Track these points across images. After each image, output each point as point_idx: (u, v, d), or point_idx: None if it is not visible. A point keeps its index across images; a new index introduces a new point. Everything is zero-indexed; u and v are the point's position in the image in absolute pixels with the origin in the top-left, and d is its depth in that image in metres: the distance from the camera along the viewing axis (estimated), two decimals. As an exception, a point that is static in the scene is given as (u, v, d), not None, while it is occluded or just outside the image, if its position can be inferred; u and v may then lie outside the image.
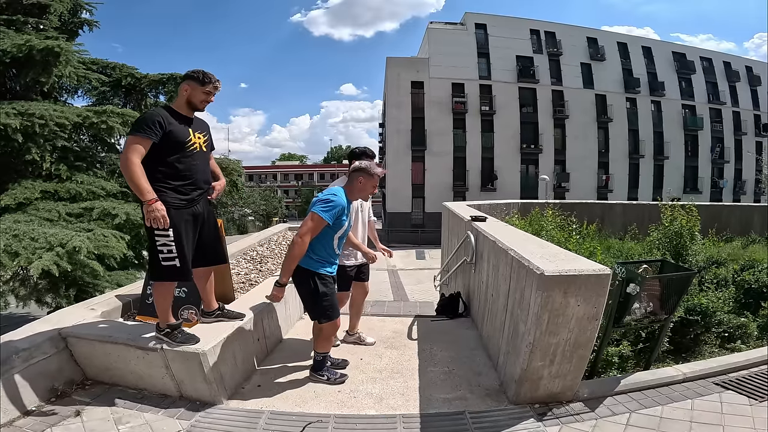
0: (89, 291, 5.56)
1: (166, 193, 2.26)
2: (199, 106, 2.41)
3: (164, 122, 2.25)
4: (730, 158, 32.93)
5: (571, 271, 2.13)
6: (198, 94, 2.37)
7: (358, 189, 2.67)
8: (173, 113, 2.34)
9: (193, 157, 2.38)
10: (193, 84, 2.36)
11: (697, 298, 4.01)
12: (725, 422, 2.27)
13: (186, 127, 2.37)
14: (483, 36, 29.46)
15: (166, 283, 2.43)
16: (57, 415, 2.26)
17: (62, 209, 6.07)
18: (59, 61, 6.11)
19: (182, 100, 2.38)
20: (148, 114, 2.31)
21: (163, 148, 2.26)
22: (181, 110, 2.38)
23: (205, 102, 2.41)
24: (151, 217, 2.16)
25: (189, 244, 2.39)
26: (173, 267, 2.33)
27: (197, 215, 2.44)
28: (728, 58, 34.19)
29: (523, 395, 2.44)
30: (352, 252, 3.21)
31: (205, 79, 2.36)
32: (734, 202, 27.90)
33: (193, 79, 2.36)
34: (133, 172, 2.15)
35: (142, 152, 2.19)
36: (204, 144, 2.47)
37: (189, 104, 2.39)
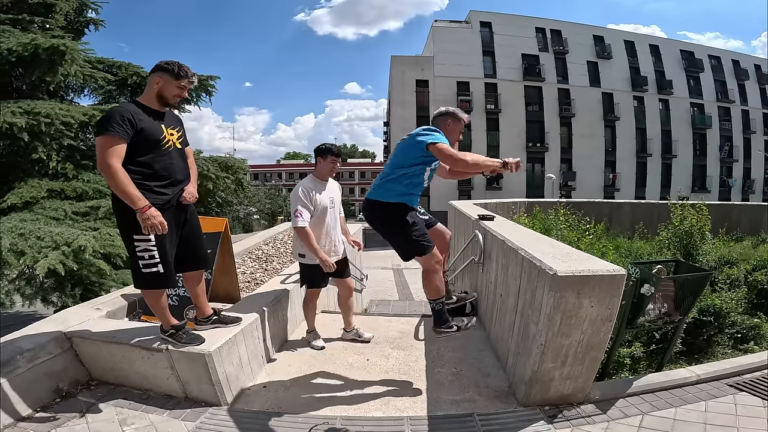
0: (95, 290, 5.56)
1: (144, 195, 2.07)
2: (171, 101, 2.21)
3: (134, 119, 2.05)
4: (738, 157, 32.55)
5: (585, 271, 2.07)
6: (171, 88, 2.17)
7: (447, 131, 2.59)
8: (143, 108, 2.13)
9: (169, 156, 2.20)
10: (166, 77, 2.15)
11: (710, 298, 3.95)
12: (740, 424, 2.21)
13: (158, 123, 2.17)
14: (488, 34, 29.32)
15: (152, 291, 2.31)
16: (62, 416, 2.23)
17: (68, 208, 6.08)
18: (65, 60, 6.11)
19: (152, 93, 2.17)
20: (114, 110, 2.07)
21: (136, 147, 2.07)
22: (151, 104, 2.17)
23: (177, 96, 2.22)
24: (148, 225, 2.02)
25: (171, 247, 2.25)
26: (156, 273, 2.19)
27: (179, 214, 2.30)
28: (737, 57, 33.77)
29: (533, 397, 2.39)
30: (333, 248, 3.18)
31: (181, 73, 2.16)
32: (743, 201, 27.58)
33: (166, 71, 2.15)
34: (118, 180, 1.98)
35: (121, 154, 2.01)
36: (178, 141, 2.29)
37: (160, 98, 2.18)
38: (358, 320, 3.84)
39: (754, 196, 32.06)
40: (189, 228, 2.40)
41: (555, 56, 29.87)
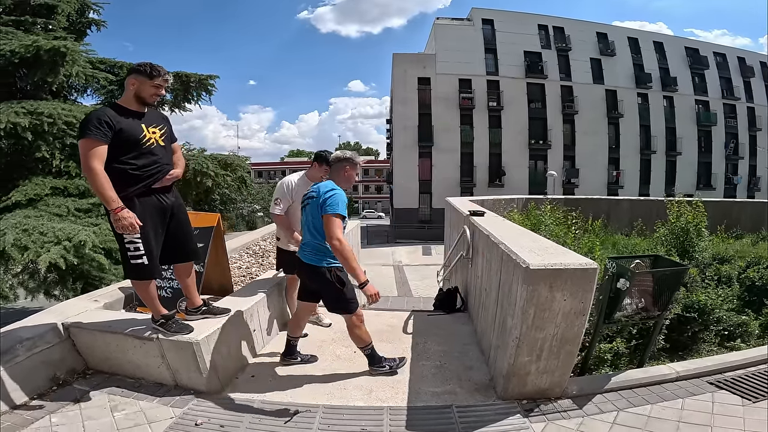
0: (95, 284, 5.69)
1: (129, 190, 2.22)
2: (149, 100, 2.33)
3: (112, 121, 2.16)
4: (744, 154, 32.21)
5: (557, 264, 2.13)
6: (147, 88, 2.29)
7: (345, 179, 2.73)
8: (121, 110, 2.25)
9: (151, 153, 2.31)
10: (140, 78, 2.28)
11: (695, 294, 3.95)
12: (714, 423, 2.23)
13: (138, 123, 2.28)
14: (490, 31, 29.17)
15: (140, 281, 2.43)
16: (56, 402, 2.34)
17: (71, 205, 6.22)
18: (66, 61, 6.23)
19: (129, 95, 2.30)
20: (92, 114, 2.18)
21: (117, 147, 2.19)
22: (130, 106, 2.29)
23: (155, 96, 2.34)
24: (120, 226, 2.15)
25: (157, 242, 2.38)
26: (142, 265, 2.31)
27: (165, 209, 2.41)
28: (743, 54, 33.35)
29: (511, 391, 2.45)
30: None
31: (153, 72, 2.28)
32: (748, 199, 27.33)
33: (140, 72, 2.27)
34: (97, 182, 2.10)
35: (102, 156, 2.13)
36: (161, 138, 2.39)
37: (138, 99, 2.30)
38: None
39: (759, 194, 31.71)
40: (176, 222, 2.50)
41: (558, 53, 29.65)
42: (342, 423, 2.26)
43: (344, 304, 2.66)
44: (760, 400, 2.43)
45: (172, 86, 7.76)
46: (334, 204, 2.51)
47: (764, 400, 2.42)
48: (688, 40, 33.39)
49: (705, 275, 5.10)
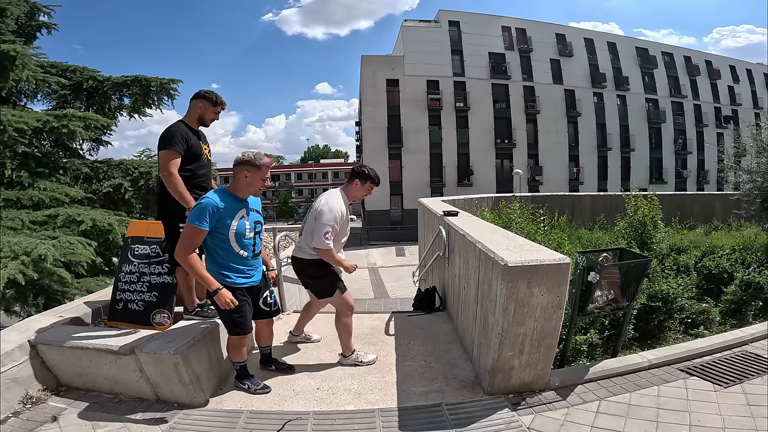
0: (58, 299, 5.37)
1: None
2: (208, 123, 2.81)
3: (187, 136, 2.65)
4: (692, 149, 34.41)
5: (533, 261, 2.22)
6: (209, 113, 2.78)
7: (245, 184, 2.43)
8: (189, 128, 2.71)
9: (204, 166, 2.82)
10: (206, 104, 2.75)
11: (658, 285, 4.18)
12: (691, 408, 2.35)
13: (198, 140, 2.76)
14: (456, 33, 29.77)
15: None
16: (33, 421, 2.26)
17: (26, 217, 5.83)
18: (15, 65, 5.84)
19: (194, 115, 2.76)
20: (174, 130, 2.63)
21: (185, 158, 2.65)
22: (193, 125, 2.76)
23: (213, 120, 2.82)
24: None
25: None
26: None
27: None
28: (688, 53, 35.63)
29: (497, 386, 2.53)
30: None
31: (217, 101, 2.77)
32: (698, 192, 29.20)
33: (206, 99, 2.75)
34: (178, 185, 2.58)
35: (178, 164, 2.59)
36: (209, 154, 2.92)
37: (200, 120, 2.77)
38: (330, 318, 3.92)
39: (708, 186, 33.98)
40: None
41: (520, 54, 30.65)
42: (335, 428, 2.27)
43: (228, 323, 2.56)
44: (731, 385, 2.58)
45: (134, 91, 7.47)
46: (191, 215, 2.32)
47: (735, 385, 2.59)
48: (638, 40, 35.34)
49: (665, 265, 5.40)
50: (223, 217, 2.35)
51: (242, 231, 2.44)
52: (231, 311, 2.41)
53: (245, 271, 2.51)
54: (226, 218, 2.37)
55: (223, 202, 2.37)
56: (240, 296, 2.45)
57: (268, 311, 2.74)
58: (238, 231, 2.41)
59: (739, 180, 9.79)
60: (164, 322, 3.05)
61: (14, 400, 2.39)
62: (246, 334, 2.56)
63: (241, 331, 2.52)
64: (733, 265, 5.36)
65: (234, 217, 2.40)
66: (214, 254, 2.43)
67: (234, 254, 2.44)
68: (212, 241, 2.40)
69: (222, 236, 2.39)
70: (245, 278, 2.51)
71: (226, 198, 2.40)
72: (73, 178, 6.97)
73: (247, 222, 2.48)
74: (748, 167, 9.29)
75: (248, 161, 2.40)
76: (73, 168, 7.06)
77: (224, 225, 2.37)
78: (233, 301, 2.36)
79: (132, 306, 3.24)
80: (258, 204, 2.66)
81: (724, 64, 35.89)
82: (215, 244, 2.40)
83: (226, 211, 2.36)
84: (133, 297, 3.34)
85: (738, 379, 2.66)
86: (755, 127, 9.82)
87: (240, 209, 2.44)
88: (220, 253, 2.42)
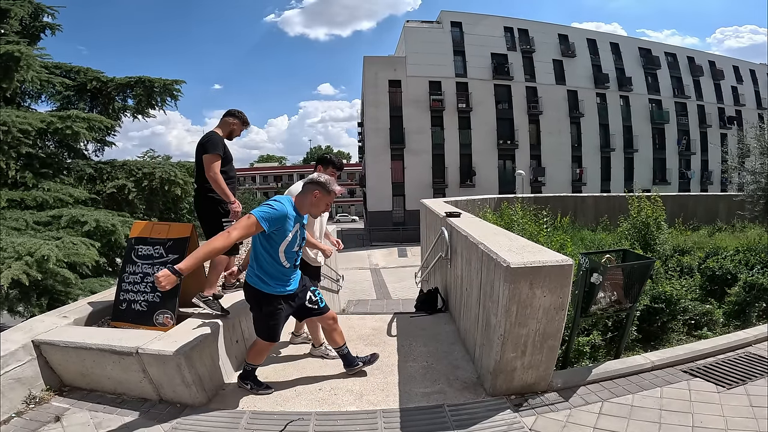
0: (62, 299, 5.39)
1: None
2: (233, 138, 3.28)
3: (223, 144, 3.11)
4: (696, 150, 34.26)
5: (536, 262, 2.22)
6: (238, 130, 3.27)
7: (310, 203, 2.51)
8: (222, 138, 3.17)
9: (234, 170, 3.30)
10: (238, 122, 3.25)
11: (661, 286, 4.16)
12: (694, 410, 2.34)
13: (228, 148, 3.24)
14: (459, 34, 29.75)
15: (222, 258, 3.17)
16: (36, 421, 2.27)
17: (29, 218, 5.86)
18: (20, 66, 5.88)
19: (227, 129, 3.21)
20: (216, 138, 3.09)
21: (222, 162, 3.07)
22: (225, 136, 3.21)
23: (237, 136, 3.31)
24: (234, 214, 3.08)
25: None
26: None
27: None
28: (692, 53, 35.49)
29: (499, 387, 2.52)
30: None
31: (247, 121, 3.30)
32: (702, 192, 29.08)
33: (239, 119, 3.25)
34: (221, 183, 3.00)
35: (219, 166, 3.01)
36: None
37: (229, 134, 3.23)
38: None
39: (712, 187, 33.82)
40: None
41: (522, 55, 30.59)
42: (336, 429, 2.27)
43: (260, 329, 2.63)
44: (734, 387, 2.57)
45: (137, 92, 7.50)
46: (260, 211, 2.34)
47: (738, 387, 2.57)
48: (641, 40, 35.22)
49: (668, 267, 5.38)
50: (285, 226, 2.38)
51: (293, 244, 2.48)
52: (267, 317, 2.50)
53: (284, 281, 2.52)
54: (287, 228, 2.40)
55: (292, 212, 2.42)
56: (277, 304, 2.49)
57: (318, 309, 2.73)
58: (290, 243, 2.46)
59: (742, 181, 9.75)
60: (167, 322, 3.06)
61: (17, 400, 2.40)
62: (275, 342, 2.61)
63: (271, 339, 2.58)
64: (736, 267, 5.34)
65: (292, 229, 2.44)
66: (260, 258, 2.45)
67: (278, 263, 2.45)
68: (263, 246, 2.43)
69: (275, 243, 2.41)
70: (283, 287, 2.52)
71: (293, 210, 2.45)
72: (77, 178, 7.00)
73: (299, 236, 2.53)
74: (752, 168, 9.25)
75: (323, 184, 2.49)
76: (77, 169, 7.10)
77: (283, 234, 2.40)
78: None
79: (135, 306, 3.26)
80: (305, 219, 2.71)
81: (727, 65, 35.72)
82: (266, 249, 2.42)
83: (290, 222, 2.40)
84: (137, 297, 3.36)
85: (741, 380, 2.65)
86: (759, 127, 9.78)
87: (297, 223, 2.48)
88: (267, 259, 2.44)
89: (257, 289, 2.47)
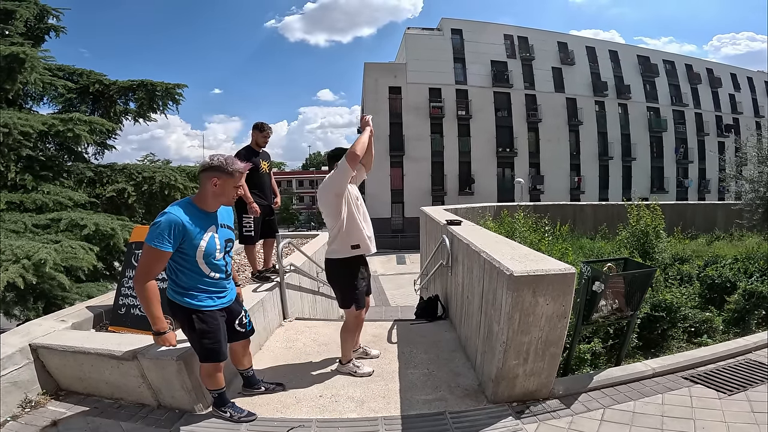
0: (59, 303, 5.36)
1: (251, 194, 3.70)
2: (261, 145, 3.88)
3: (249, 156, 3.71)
4: (693, 158, 34.43)
5: (538, 271, 2.22)
6: (260, 138, 3.85)
7: (213, 194, 2.12)
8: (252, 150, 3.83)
9: (261, 176, 3.89)
10: (256, 132, 3.83)
11: (661, 294, 4.17)
12: (695, 416, 2.34)
13: (258, 159, 3.85)
14: (459, 41, 29.99)
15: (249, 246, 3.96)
16: (33, 425, 2.25)
17: (28, 220, 5.84)
18: (24, 68, 5.89)
19: (253, 141, 3.86)
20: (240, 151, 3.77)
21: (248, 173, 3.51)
22: (254, 147, 3.85)
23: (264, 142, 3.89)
24: (253, 210, 3.68)
25: (259, 224, 3.88)
26: (250, 236, 3.86)
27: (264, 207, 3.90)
28: (690, 61, 35.76)
29: (501, 394, 2.51)
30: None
31: (263, 128, 3.84)
32: (699, 201, 29.18)
33: (255, 128, 3.84)
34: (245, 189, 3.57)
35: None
36: (268, 168, 3.99)
37: (256, 144, 3.85)
38: (332, 326, 3.91)
39: (709, 195, 33.96)
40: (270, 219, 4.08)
41: (522, 63, 30.84)
42: (337, 437, 2.24)
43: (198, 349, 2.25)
44: (734, 393, 2.57)
45: (139, 95, 7.51)
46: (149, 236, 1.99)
47: (739, 393, 2.57)
48: (640, 48, 35.52)
49: (668, 275, 5.40)
50: (190, 234, 2.03)
51: (212, 251, 2.13)
52: (201, 337, 2.15)
53: (216, 293, 2.21)
54: (194, 235, 2.05)
55: (189, 216, 2.05)
56: (210, 320, 2.17)
57: (244, 332, 2.45)
58: (207, 251, 2.10)
59: (740, 189, 9.79)
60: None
61: (13, 404, 2.38)
62: (221, 361, 2.24)
63: (215, 359, 2.21)
64: (735, 275, 5.36)
65: (203, 235, 2.09)
66: (176, 276, 2.11)
67: (203, 276, 2.14)
68: (175, 263, 2.08)
69: (188, 256, 2.07)
70: (216, 300, 2.22)
71: (192, 211, 2.08)
72: (76, 181, 6.99)
73: (218, 240, 2.16)
74: (749, 177, 9.30)
75: (217, 167, 2.09)
76: (76, 172, 7.09)
77: (191, 244, 2.05)
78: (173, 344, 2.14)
79: (135, 311, 3.25)
80: (229, 218, 2.34)
81: (725, 72, 35.99)
82: (179, 264, 2.09)
83: (193, 228, 2.04)
84: (136, 302, 3.34)
85: (742, 386, 2.65)
86: (756, 136, 9.84)
87: (209, 225, 2.14)
88: (186, 274, 2.11)
89: (182, 306, 2.14)
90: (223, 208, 2.28)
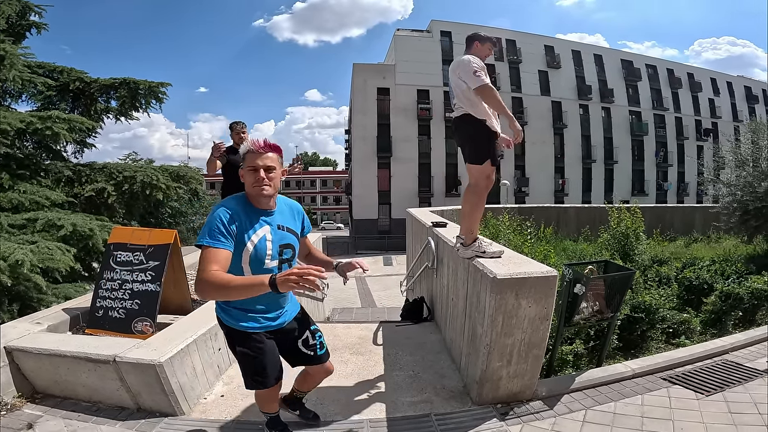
0: (34, 306, 5.21)
1: None
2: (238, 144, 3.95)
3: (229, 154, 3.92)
4: (673, 162, 35.30)
5: (521, 273, 2.25)
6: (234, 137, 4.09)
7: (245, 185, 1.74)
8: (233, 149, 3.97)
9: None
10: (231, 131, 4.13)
11: (641, 295, 4.25)
12: (674, 417, 2.38)
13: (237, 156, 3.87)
14: (448, 43, 30.16)
15: None
16: (8, 428, 2.20)
17: (4, 220, 5.66)
18: (3, 65, 5.72)
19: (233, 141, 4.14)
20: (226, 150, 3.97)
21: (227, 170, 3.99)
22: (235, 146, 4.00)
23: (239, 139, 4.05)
24: None
25: None
26: None
27: None
28: (671, 65, 36.62)
29: (485, 396, 2.53)
30: None
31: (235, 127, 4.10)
32: (678, 204, 29.91)
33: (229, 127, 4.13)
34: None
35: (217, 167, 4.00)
36: None
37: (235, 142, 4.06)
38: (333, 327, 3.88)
39: (688, 198, 34.84)
40: None
41: (509, 65, 31.19)
42: (321, 440, 2.23)
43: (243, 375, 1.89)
44: (712, 394, 2.63)
45: (121, 94, 7.36)
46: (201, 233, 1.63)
47: (716, 393, 2.63)
48: (623, 52, 36.27)
49: (647, 277, 5.50)
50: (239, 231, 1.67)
51: (263, 254, 1.71)
52: (242, 361, 1.83)
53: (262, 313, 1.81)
54: (243, 230, 1.68)
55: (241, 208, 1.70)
56: (253, 343, 1.80)
57: (312, 355, 2.00)
58: (256, 253, 1.69)
59: (718, 193, 10.06)
60: (146, 330, 3.00)
61: (-13, 408, 2.32)
62: (267, 387, 1.88)
63: (261, 385, 1.87)
64: (713, 277, 5.49)
65: (255, 231, 1.70)
66: None
67: None
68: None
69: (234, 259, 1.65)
70: (264, 321, 1.82)
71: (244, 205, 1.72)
72: (54, 180, 6.80)
73: (270, 243, 1.73)
74: (727, 180, 9.56)
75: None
76: (54, 170, 6.90)
77: (240, 242, 1.67)
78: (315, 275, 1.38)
79: (113, 313, 3.18)
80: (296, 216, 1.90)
81: (705, 77, 36.89)
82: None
83: (240, 220, 1.67)
84: (114, 304, 3.28)
85: (719, 387, 2.71)
86: (734, 140, 10.13)
87: (263, 225, 1.73)
88: None
89: (222, 323, 1.85)
90: (292, 205, 1.90)
